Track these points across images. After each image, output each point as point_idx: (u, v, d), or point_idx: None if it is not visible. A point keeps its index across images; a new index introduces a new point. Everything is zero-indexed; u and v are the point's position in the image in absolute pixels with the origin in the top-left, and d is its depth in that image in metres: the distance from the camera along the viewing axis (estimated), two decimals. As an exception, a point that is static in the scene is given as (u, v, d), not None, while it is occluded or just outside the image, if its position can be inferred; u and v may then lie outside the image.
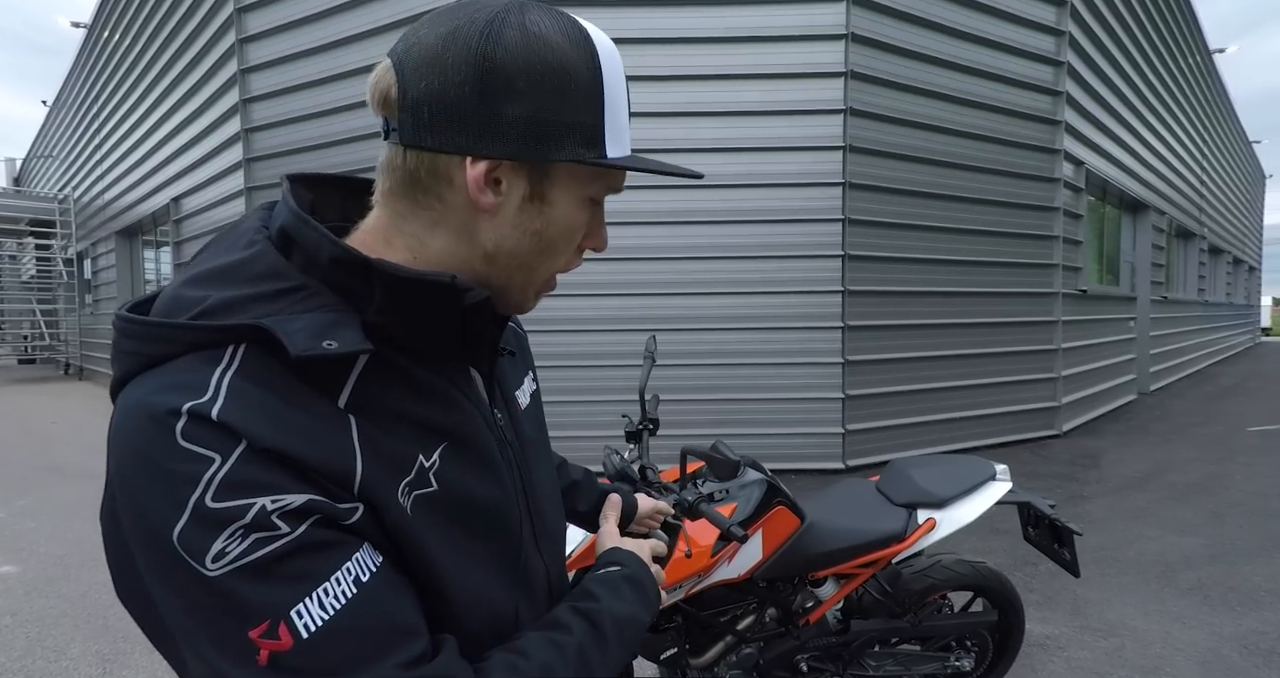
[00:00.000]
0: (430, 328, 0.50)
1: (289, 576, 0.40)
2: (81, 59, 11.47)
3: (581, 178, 0.52)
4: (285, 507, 0.40)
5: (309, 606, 0.40)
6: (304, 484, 0.42)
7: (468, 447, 0.53)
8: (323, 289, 0.47)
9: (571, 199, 0.52)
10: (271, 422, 0.42)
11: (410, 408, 0.49)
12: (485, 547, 0.54)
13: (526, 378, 0.72)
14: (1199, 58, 11.31)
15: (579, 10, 4.55)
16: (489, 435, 0.56)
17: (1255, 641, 2.44)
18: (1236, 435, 6.26)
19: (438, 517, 0.49)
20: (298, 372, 0.44)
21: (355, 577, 0.42)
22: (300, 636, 0.40)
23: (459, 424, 0.53)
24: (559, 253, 0.54)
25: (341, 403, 0.46)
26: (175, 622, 0.41)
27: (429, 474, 0.49)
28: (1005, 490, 1.78)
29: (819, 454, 4.77)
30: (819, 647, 1.73)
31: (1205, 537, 3.53)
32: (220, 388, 0.42)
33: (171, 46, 7.53)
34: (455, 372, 0.55)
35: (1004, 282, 5.70)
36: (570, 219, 0.53)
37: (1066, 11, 5.91)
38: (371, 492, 0.45)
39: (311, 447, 0.43)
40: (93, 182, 11.79)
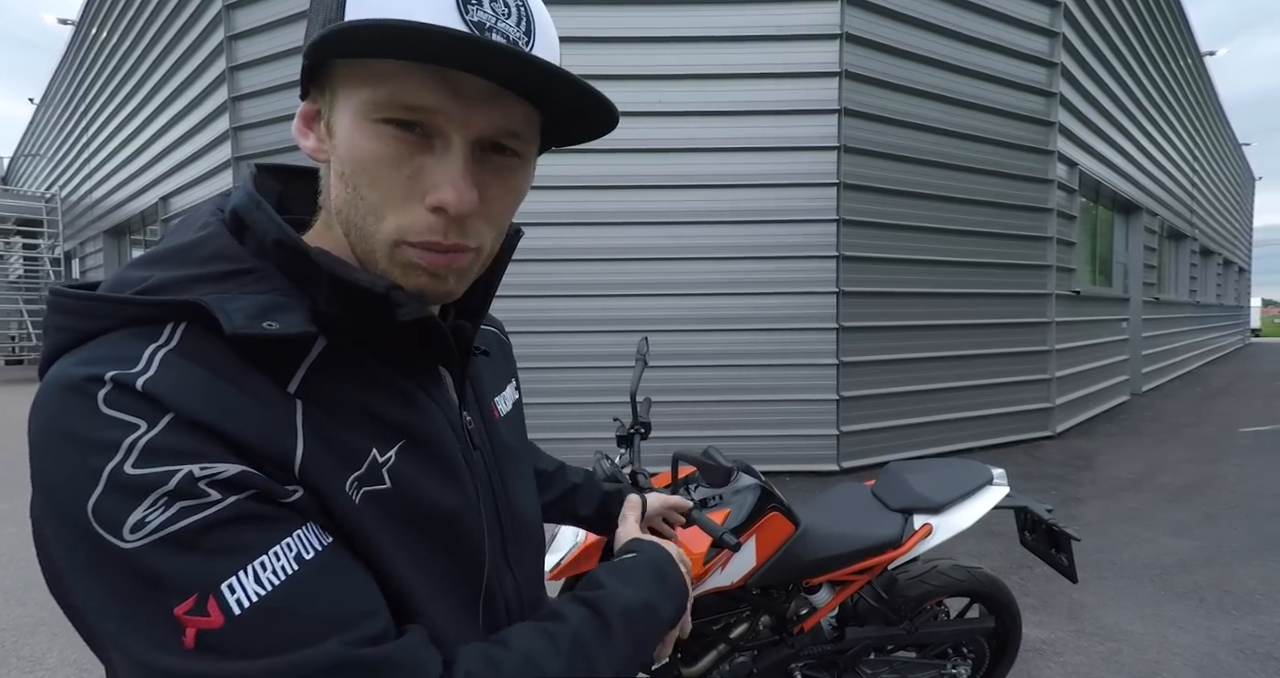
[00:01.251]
0: (379, 328, 0.45)
1: (219, 548, 0.35)
2: (69, 56, 11.34)
3: (354, 91, 0.41)
4: (215, 475, 0.36)
5: (243, 579, 0.35)
6: (237, 458, 0.37)
7: (428, 448, 0.48)
8: (275, 274, 0.43)
9: (352, 121, 0.42)
10: (205, 397, 0.38)
11: (367, 402, 0.45)
12: (440, 559, 0.48)
13: (509, 386, 0.68)
14: (1190, 60, 11.38)
15: (572, 10, 4.54)
16: (454, 439, 0.51)
17: (1252, 644, 2.42)
18: (1228, 436, 6.28)
19: (389, 518, 0.44)
20: (243, 354, 0.40)
21: (297, 554, 0.37)
22: (232, 612, 0.35)
23: (420, 424, 0.48)
24: (378, 207, 0.42)
25: (291, 389, 0.41)
26: (92, 610, 0.36)
27: (382, 470, 0.44)
28: (1002, 495, 1.75)
29: (814, 456, 4.75)
30: (814, 655, 1.70)
31: (1199, 539, 3.52)
32: (153, 362, 0.38)
33: (160, 43, 7.44)
34: (422, 370, 0.50)
35: (998, 283, 5.69)
36: (355, 149, 0.42)
37: (1060, 13, 5.91)
38: (314, 477, 0.40)
39: (248, 425, 0.38)
40: (80, 180, 11.67)
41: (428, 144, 0.42)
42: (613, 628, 0.50)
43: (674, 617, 0.58)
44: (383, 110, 0.40)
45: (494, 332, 0.71)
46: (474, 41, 0.37)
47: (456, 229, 0.43)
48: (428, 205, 0.42)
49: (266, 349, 0.41)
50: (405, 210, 0.42)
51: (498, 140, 0.44)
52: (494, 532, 0.55)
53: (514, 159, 0.45)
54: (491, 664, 0.43)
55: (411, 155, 0.42)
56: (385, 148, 0.41)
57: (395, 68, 0.39)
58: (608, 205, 4.61)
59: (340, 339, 0.44)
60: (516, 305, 4.51)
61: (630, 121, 4.52)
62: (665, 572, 0.60)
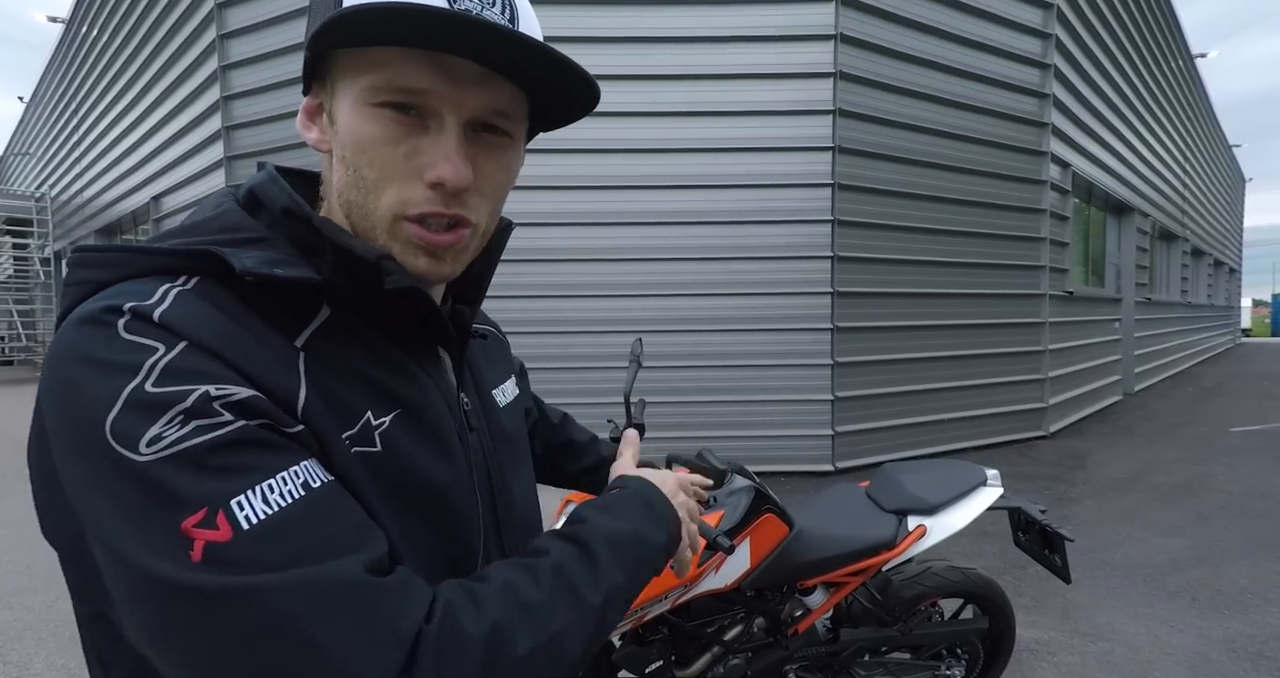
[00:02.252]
0: (373, 293, 0.46)
1: (230, 467, 0.36)
2: (59, 54, 11.25)
3: (353, 78, 0.44)
4: (230, 396, 0.37)
5: (251, 497, 0.36)
6: (249, 385, 0.39)
7: (422, 421, 0.49)
8: (283, 243, 0.46)
9: (351, 107, 0.44)
10: (216, 330, 0.39)
11: (366, 369, 0.46)
12: (425, 533, 0.47)
13: (509, 381, 0.69)
14: (1181, 62, 11.46)
15: (566, 10, 4.53)
16: (448, 417, 0.52)
17: (1243, 644, 2.44)
18: (1219, 436, 6.32)
19: (378, 482, 0.44)
20: (252, 306, 0.42)
21: (304, 481, 0.38)
22: (240, 527, 0.35)
23: (416, 398, 0.49)
24: (377, 186, 0.45)
25: (297, 343, 0.43)
26: (97, 528, 0.35)
27: (374, 433, 0.45)
28: (996, 496, 1.75)
29: (808, 456, 4.75)
30: (808, 657, 1.70)
31: (1191, 538, 3.54)
32: (167, 296, 0.40)
33: (151, 42, 7.39)
34: (420, 349, 0.52)
35: (992, 283, 5.71)
36: (355, 133, 0.44)
37: (1053, 14, 5.94)
38: (314, 422, 0.41)
39: (256, 360, 0.40)
40: (71, 179, 11.57)
41: (423, 125, 0.44)
42: (598, 557, 0.48)
43: (665, 543, 0.56)
44: (380, 94, 0.43)
45: (491, 330, 0.72)
46: (463, 19, 0.39)
47: (456, 201, 0.45)
48: (426, 181, 0.44)
49: (275, 304, 0.43)
50: (404, 186, 0.44)
51: (488, 120, 0.46)
52: (488, 512, 0.55)
53: (504, 138, 0.48)
54: (470, 594, 0.42)
55: (408, 136, 0.44)
56: (383, 129, 0.43)
57: (391, 53, 0.42)
58: (601, 206, 4.60)
59: (344, 310, 0.46)
60: (510, 306, 4.49)
61: (624, 122, 4.51)
62: (650, 501, 0.58)
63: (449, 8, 0.40)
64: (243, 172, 5.87)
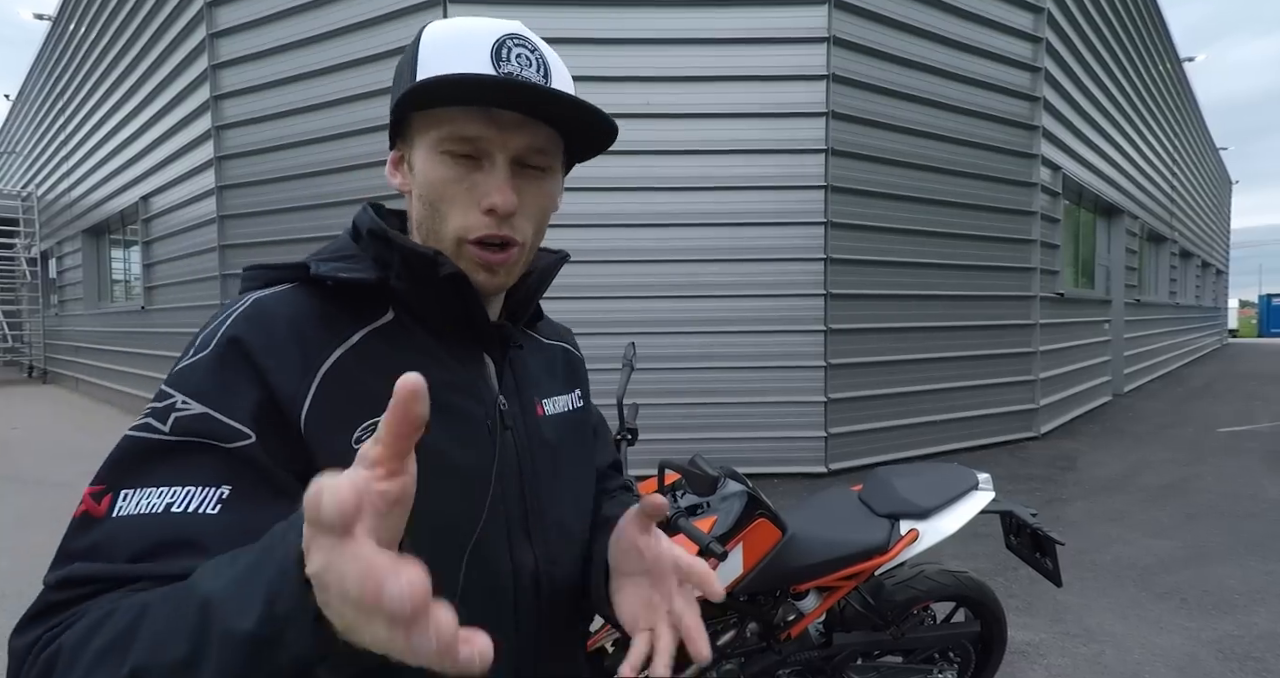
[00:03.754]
0: (431, 296, 0.57)
1: (138, 466, 0.46)
2: (45, 52, 11.12)
3: (424, 134, 0.56)
4: (187, 413, 0.48)
5: (133, 495, 0.45)
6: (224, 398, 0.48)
7: (451, 412, 0.56)
8: (367, 259, 0.58)
9: (424, 155, 0.56)
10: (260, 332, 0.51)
11: (408, 363, 0.49)
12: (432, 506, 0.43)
13: (567, 396, 0.73)
14: (1169, 66, 11.57)
15: (563, 11, 4.52)
16: (480, 410, 0.59)
17: (1231, 645, 2.46)
18: (1207, 437, 6.38)
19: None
20: (324, 308, 0.54)
21: (171, 503, 0.45)
22: (109, 512, 0.45)
23: (451, 389, 0.57)
24: (445, 215, 0.56)
25: (348, 342, 0.54)
26: None
27: None
28: (988, 500, 1.75)
29: (802, 458, 4.76)
30: (801, 661, 1.69)
31: (1180, 539, 3.57)
32: (248, 301, 0.54)
33: (140, 41, 7.32)
34: (467, 352, 0.61)
35: (983, 285, 5.75)
36: (427, 175, 0.56)
37: (1043, 19, 5.98)
38: (315, 423, 0.50)
39: (277, 363, 0.50)
40: (58, 178, 11.44)
41: (478, 164, 0.56)
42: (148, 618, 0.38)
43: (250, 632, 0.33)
44: (445, 144, 0.55)
45: (562, 347, 0.78)
46: (504, 81, 0.52)
47: (506, 224, 0.56)
48: (482, 208, 0.55)
49: (348, 304, 0.55)
50: (465, 214, 0.56)
51: (529, 159, 0.57)
52: (513, 504, 0.60)
53: (543, 172, 0.58)
54: (99, 616, 0.40)
55: (468, 174, 0.56)
56: (448, 170, 0.55)
57: (453, 112, 0.54)
58: (594, 207, 4.59)
59: (404, 314, 0.58)
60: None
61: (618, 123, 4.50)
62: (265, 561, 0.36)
63: (494, 74, 0.53)
64: (232, 171, 5.83)
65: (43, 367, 12.83)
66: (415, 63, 0.56)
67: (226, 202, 5.88)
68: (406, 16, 4.73)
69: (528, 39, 0.56)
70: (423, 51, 0.56)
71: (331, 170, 5.23)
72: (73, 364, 11.17)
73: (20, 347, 14.06)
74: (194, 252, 6.58)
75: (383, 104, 4.92)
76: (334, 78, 5.11)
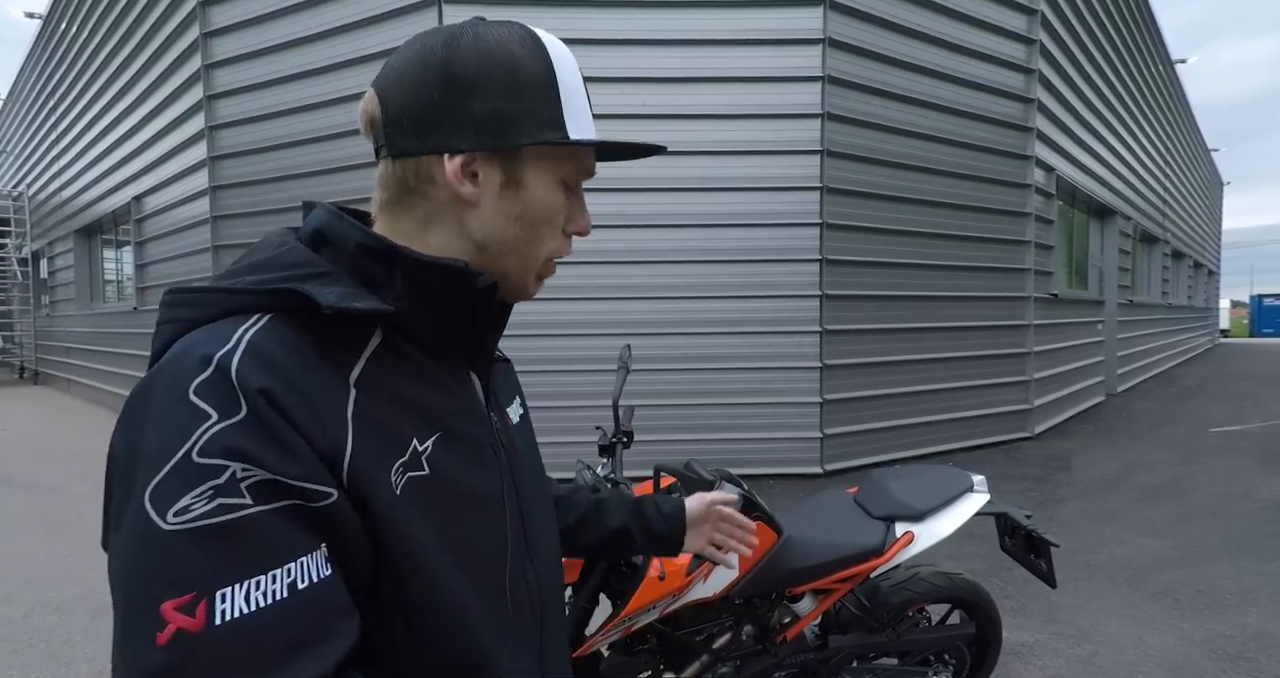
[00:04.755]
0: (441, 314, 0.55)
1: (233, 554, 0.39)
2: (37, 51, 11.04)
3: (551, 161, 0.57)
4: (256, 479, 0.41)
5: (237, 592, 0.39)
6: (287, 459, 0.42)
7: (462, 438, 0.55)
8: (346, 277, 0.51)
9: (545, 182, 0.57)
10: (281, 385, 0.44)
11: (413, 392, 0.52)
12: (474, 544, 0.54)
13: (516, 403, 0.73)
14: (1161, 68, 11.64)
15: (559, 11, 4.51)
16: (481, 430, 0.58)
17: (1223, 645, 2.47)
18: (1200, 437, 6.42)
19: (429, 505, 0.50)
20: (315, 342, 0.48)
21: (294, 581, 0.41)
22: (214, 620, 0.38)
23: (456, 414, 0.55)
24: (544, 237, 0.58)
25: (351, 378, 0.49)
26: (112, 577, 0.41)
27: (421, 458, 0.51)
28: (983, 502, 1.76)
29: (797, 459, 4.76)
30: (797, 664, 1.69)
31: (1173, 539, 3.59)
32: (242, 341, 0.45)
33: (132, 40, 7.27)
34: (457, 370, 0.58)
35: (978, 286, 5.77)
36: (546, 201, 0.58)
37: (1037, 21, 6.01)
38: (361, 471, 0.46)
39: (311, 421, 0.44)
40: (49, 178, 11.36)
41: (572, 193, 0.60)
42: None
43: None
44: (573, 176, 0.59)
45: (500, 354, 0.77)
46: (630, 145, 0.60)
47: None
48: (567, 232, 0.61)
49: (334, 334, 0.49)
50: (557, 238, 0.60)
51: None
52: (515, 523, 0.60)
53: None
54: None
55: (568, 202, 0.60)
56: (563, 200, 0.59)
57: (589, 151, 0.59)
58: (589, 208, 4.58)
59: (392, 335, 0.53)
60: (499, 309, 4.46)
61: (613, 124, 4.50)
62: None
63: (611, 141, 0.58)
64: (226, 172, 5.80)
65: (34, 368, 12.73)
66: (556, 87, 0.55)
67: (220, 202, 5.85)
68: (401, 17, 4.72)
69: None
70: (561, 76, 0.56)
71: (326, 171, 5.20)
72: (64, 365, 11.09)
73: (11, 347, 13.95)
74: (187, 252, 6.54)
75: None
76: (328, 78, 5.09)
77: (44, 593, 2.96)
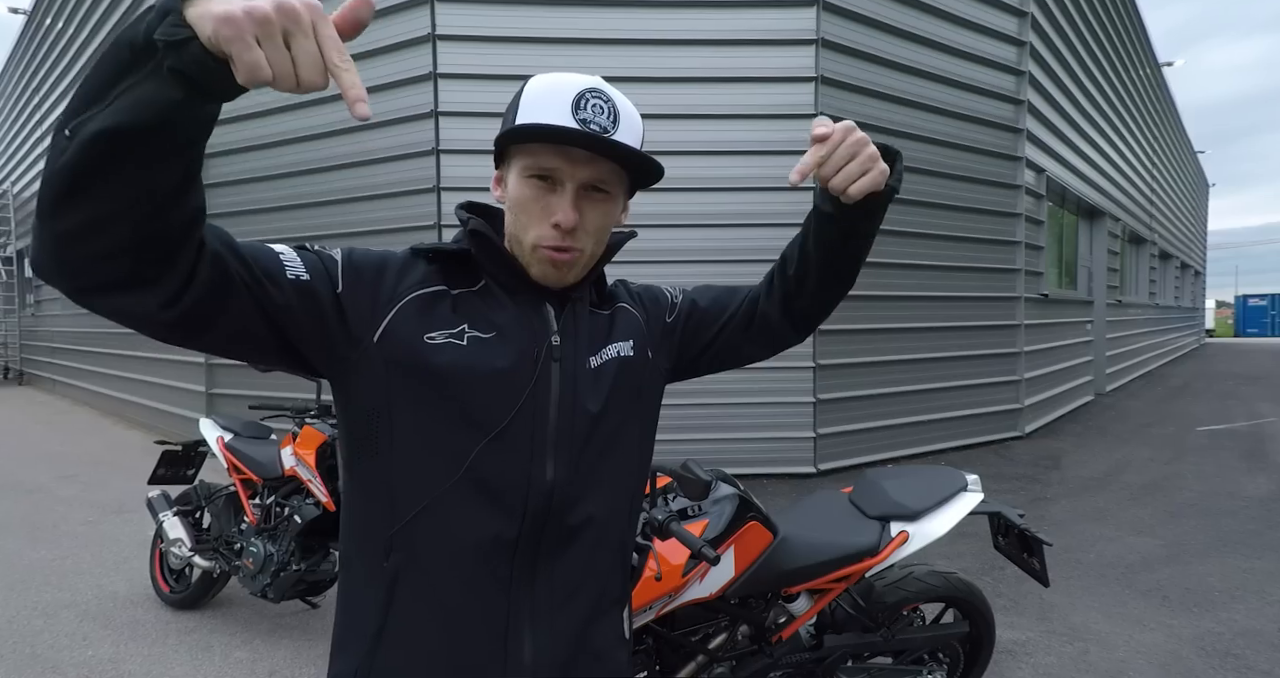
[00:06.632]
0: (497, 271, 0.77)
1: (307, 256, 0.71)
2: (21, 46, 10.89)
3: (517, 160, 0.73)
4: (326, 251, 0.74)
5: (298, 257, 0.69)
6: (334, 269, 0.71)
7: (507, 341, 0.74)
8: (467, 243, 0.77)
9: (515, 177, 0.74)
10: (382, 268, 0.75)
11: (489, 310, 0.76)
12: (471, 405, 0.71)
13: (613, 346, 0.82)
14: (1149, 70, 11.76)
15: (554, 11, 4.49)
16: (530, 342, 0.75)
17: (1212, 641, 2.50)
18: (1187, 435, 6.50)
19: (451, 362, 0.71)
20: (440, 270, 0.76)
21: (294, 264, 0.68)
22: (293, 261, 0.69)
23: (506, 326, 0.75)
24: (526, 225, 0.73)
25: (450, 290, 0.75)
26: None
27: (464, 336, 0.73)
28: (977, 502, 1.76)
29: (791, 458, 4.77)
30: (792, 664, 1.69)
31: (1161, 537, 3.63)
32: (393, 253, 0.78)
33: (119, 36, 7.18)
34: (530, 302, 0.77)
35: (969, 286, 5.80)
36: (517, 192, 0.73)
37: (1027, 23, 6.05)
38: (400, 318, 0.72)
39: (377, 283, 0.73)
40: (34, 176, 11.19)
41: (553, 188, 0.72)
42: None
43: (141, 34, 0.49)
44: (529, 170, 0.72)
45: (617, 308, 0.87)
46: (577, 133, 0.69)
47: (569, 237, 0.73)
48: (551, 223, 0.72)
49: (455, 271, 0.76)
50: (540, 226, 0.73)
51: (593, 184, 0.73)
52: (544, 422, 0.74)
53: (604, 195, 0.75)
54: None
55: (544, 195, 0.72)
56: (531, 191, 0.72)
57: (538, 147, 0.71)
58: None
59: (492, 283, 0.77)
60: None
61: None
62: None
63: (573, 122, 0.69)
64: (214, 170, 5.73)
65: (19, 368, 12.55)
66: (517, 107, 0.72)
67: (210, 200, 5.73)
68: (391, 15, 4.68)
69: (603, 92, 0.72)
70: (524, 98, 0.72)
71: (313, 170, 5.17)
72: (50, 366, 10.94)
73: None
74: (175, 251, 6.46)
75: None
76: (319, 75, 5.04)
77: (30, 597, 2.92)
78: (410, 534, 0.71)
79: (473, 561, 0.71)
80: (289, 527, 2.42)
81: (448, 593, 0.72)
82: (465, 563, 0.71)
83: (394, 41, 4.68)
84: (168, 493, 2.88)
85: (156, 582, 2.89)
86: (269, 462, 2.50)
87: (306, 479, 2.33)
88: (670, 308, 0.94)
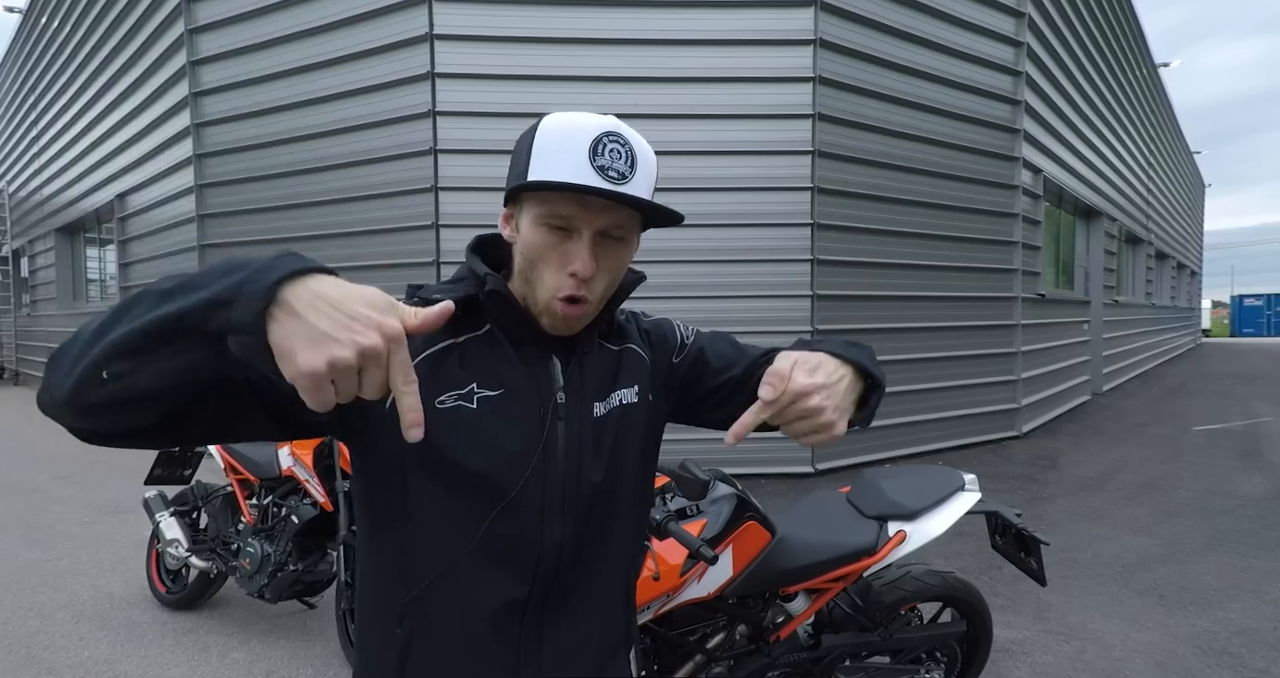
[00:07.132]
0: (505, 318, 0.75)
1: None
2: (16, 45, 10.85)
3: (531, 206, 0.71)
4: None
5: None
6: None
7: (516, 400, 0.73)
8: (470, 286, 0.75)
9: (528, 223, 0.72)
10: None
11: (493, 362, 0.74)
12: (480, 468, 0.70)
13: (626, 391, 0.82)
14: (1145, 71, 11.80)
15: (555, 11, 4.49)
16: (538, 401, 0.74)
17: (1208, 640, 2.50)
18: (1183, 435, 6.52)
19: (458, 425, 0.70)
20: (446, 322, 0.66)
21: None
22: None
23: (516, 383, 0.74)
24: (541, 273, 0.72)
25: (456, 340, 0.73)
26: None
27: (474, 397, 0.72)
28: (975, 501, 1.77)
29: (789, 458, 4.78)
30: (790, 663, 1.70)
31: (1158, 537, 3.64)
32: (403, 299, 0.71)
33: (116, 35, 7.16)
34: (538, 356, 0.76)
35: (967, 286, 5.81)
36: (529, 239, 0.71)
37: (1024, 23, 6.07)
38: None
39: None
40: (30, 175, 11.16)
41: (569, 235, 0.70)
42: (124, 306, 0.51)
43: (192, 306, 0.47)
44: (546, 219, 0.70)
45: (627, 348, 0.86)
46: (600, 190, 0.67)
47: (585, 286, 0.71)
48: (568, 272, 0.70)
49: (460, 317, 0.68)
50: (557, 275, 0.71)
51: (610, 232, 0.72)
52: (554, 482, 0.74)
53: (620, 242, 0.73)
54: None
55: (561, 243, 0.71)
56: (546, 238, 0.71)
57: (553, 196, 0.69)
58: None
59: (496, 329, 0.75)
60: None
61: (605, 123, 4.50)
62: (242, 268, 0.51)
63: (591, 169, 0.67)
64: (212, 170, 5.72)
65: (14, 368, 12.51)
66: (531, 150, 0.70)
67: (206, 200, 5.78)
68: (388, 14, 4.68)
69: (620, 135, 0.69)
70: (538, 140, 0.70)
71: (312, 169, 5.16)
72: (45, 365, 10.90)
73: (-9, 348, 13.68)
74: (172, 251, 6.45)
75: (365, 102, 4.88)
76: (316, 75, 5.04)
77: (26, 597, 2.91)
78: (423, 602, 0.72)
79: (483, 624, 0.72)
80: (286, 527, 2.41)
81: (458, 657, 0.73)
82: (476, 626, 0.72)
83: (391, 41, 4.68)
84: (164, 493, 2.88)
85: (153, 582, 2.88)
86: (266, 462, 2.49)
87: (304, 479, 2.33)
88: (679, 348, 0.92)
